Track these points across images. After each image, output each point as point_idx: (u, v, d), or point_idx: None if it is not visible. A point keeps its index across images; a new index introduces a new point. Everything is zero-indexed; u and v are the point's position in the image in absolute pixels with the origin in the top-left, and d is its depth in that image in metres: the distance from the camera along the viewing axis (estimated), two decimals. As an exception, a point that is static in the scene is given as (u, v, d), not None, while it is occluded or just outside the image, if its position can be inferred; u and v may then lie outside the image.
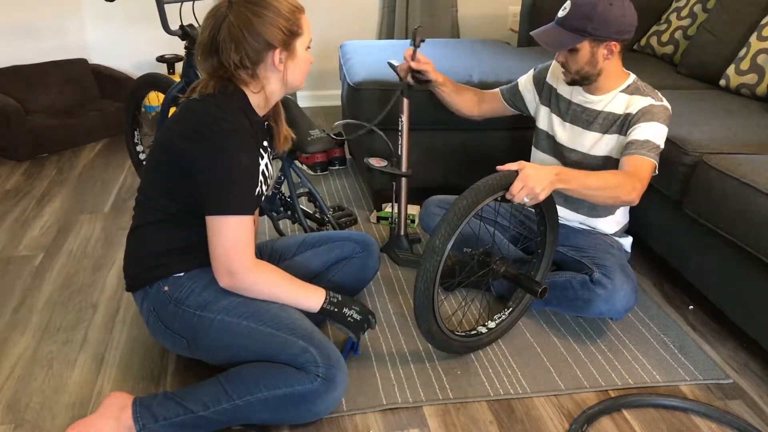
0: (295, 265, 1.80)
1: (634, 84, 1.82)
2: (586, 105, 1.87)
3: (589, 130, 1.86)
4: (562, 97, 1.93)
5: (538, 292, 1.67)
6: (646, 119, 1.74)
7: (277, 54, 1.46)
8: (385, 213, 2.51)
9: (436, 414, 1.57)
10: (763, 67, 2.33)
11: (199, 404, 1.41)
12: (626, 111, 1.79)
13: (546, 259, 1.85)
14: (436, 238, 1.53)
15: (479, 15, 4.01)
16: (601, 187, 1.62)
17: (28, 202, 2.65)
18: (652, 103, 1.76)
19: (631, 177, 1.65)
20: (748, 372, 1.75)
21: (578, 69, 1.78)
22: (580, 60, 1.76)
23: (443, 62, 2.58)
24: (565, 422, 1.55)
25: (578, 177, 1.61)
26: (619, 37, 1.72)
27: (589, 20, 1.69)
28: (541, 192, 1.54)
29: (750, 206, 1.65)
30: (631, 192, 1.64)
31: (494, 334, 1.79)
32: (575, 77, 1.81)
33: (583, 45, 1.73)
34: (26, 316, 1.90)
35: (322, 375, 1.41)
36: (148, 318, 1.56)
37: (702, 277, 1.90)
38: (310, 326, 1.49)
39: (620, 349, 1.81)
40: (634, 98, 1.79)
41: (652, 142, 1.71)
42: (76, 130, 3.24)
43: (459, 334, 1.72)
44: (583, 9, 1.69)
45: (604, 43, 1.73)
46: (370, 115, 2.38)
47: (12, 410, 1.55)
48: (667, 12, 2.99)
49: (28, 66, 3.35)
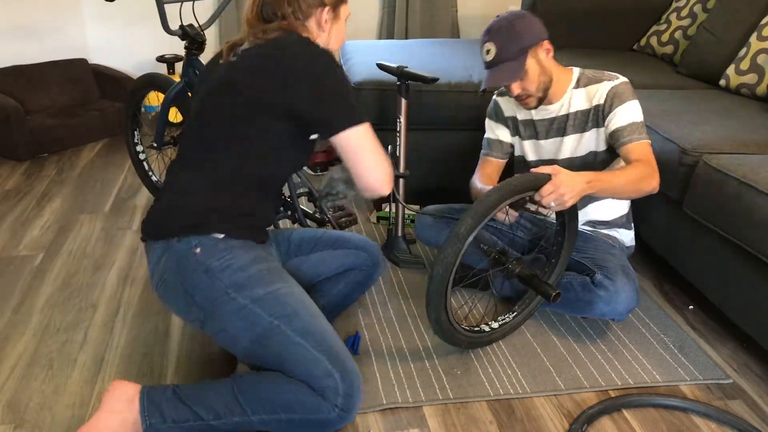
0: (311, 262, 1.76)
1: (583, 76, 1.84)
2: (550, 117, 1.88)
3: (566, 135, 1.87)
4: (524, 121, 1.95)
5: (551, 296, 1.68)
6: (617, 103, 1.75)
7: (324, 13, 1.49)
8: (385, 213, 2.51)
9: (436, 414, 1.57)
10: (763, 67, 2.33)
11: (211, 413, 1.36)
12: (593, 104, 1.80)
13: (561, 265, 1.85)
14: (462, 226, 1.53)
15: (479, 15, 4.01)
16: (626, 183, 1.64)
17: (28, 202, 2.65)
18: (613, 85, 1.77)
19: (645, 166, 1.68)
20: (748, 372, 1.75)
21: (537, 85, 1.78)
22: (533, 76, 1.77)
23: (443, 62, 2.58)
24: (565, 422, 1.55)
25: (606, 181, 1.61)
26: (545, 35, 1.76)
27: (519, 38, 1.72)
28: (569, 200, 1.54)
29: (750, 206, 1.65)
30: (651, 181, 1.67)
31: (496, 335, 1.79)
32: (539, 95, 1.81)
33: (528, 61, 1.74)
34: (26, 316, 1.90)
35: (340, 406, 1.34)
36: (163, 274, 1.45)
37: (702, 277, 1.90)
38: (339, 343, 1.41)
39: (620, 349, 1.81)
40: (591, 89, 1.81)
41: (636, 121, 1.74)
42: (76, 130, 3.25)
43: (464, 328, 1.72)
44: (507, 37, 1.72)
45: (539, 46, 1.76)
46: (369, 115, 2.38)
47: (12, 410, 1.55)
48: (667, 12, 2.99)
49: (28, 66, 3.35)
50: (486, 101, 2.39)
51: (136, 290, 2.05)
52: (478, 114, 2.41)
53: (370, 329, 1.87)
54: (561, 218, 1.79)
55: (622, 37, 3.13)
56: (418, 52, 2.75)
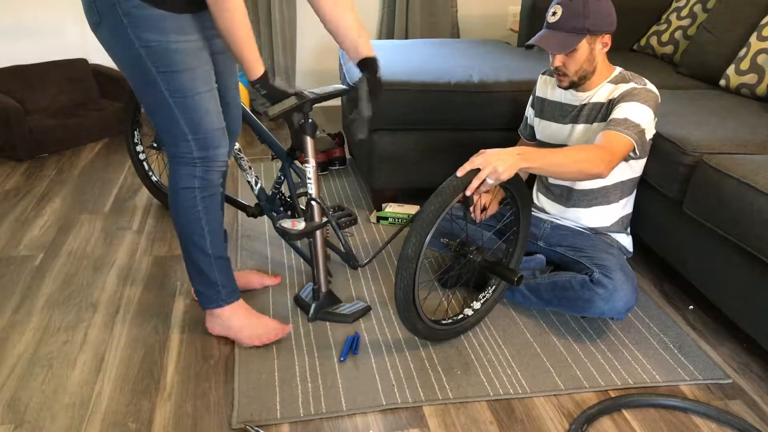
0: None
1: (621, 74, 1.86)
2: (575, 103, 1.90)
3: (578, 123, 1.90)
4: (552, 102, 1.98)
5: (514, 280, 1.72)
6: (626, 100, 1.76)
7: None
8: (385, 213, 2.51)
9: (435, 414, 1.57)
10: (763, 67, 2.33)
11: None
12: (608, 98, 1.82)
13: (520, 246, 1.89)
14: (408, 248, 1.57)
15: (479, 15, 4.01)
16: (566, 162, 1.61)
17: (28, 202, 2.65)
18: (634, 86, 1.78)
19: (599, 150, 1.65)
20: (748, 372, 1.75)
21: (577, 69, 1.79)
22: (579, 59, 1.77)
23: (444, 62, 2.58)
24: (565, 422, 1.55)
25: (542, 155, 1.59)
26: (611, 28, 1.76)
27: (586, 17, 1.72)
28: (503, 171, 1.53)
29: (750, 206, 1.65)
30: (599, 164, 1.62)
31: (480, 314, 1.85)
32: (573, 79, 1.82)
33: (582, 43, 1.74)
34: (26, 316, 1.90)
35: (200, 165, 1.60)
36: None
37: (702, 277, 1.90)
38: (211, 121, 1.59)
39: (620, 349, 1.81)
40: (619, 86, 1.82)
41: (631, 120, 1.72)
42: (76, 130, 3.25)
43: (446, 323, 1.78)
44: (576, 8, 1.72)
45: (599, 36, 1.76)
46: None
47: (12, 410, 1.55)
48: (667, 12, 2.99)
49: (28, 66, 3.35)
50: (486, 101, 2.39)
51: (136, 290, 2.05)
52: (478, 114, 2.41)
53: (370, 329, 1.87)
54: (509, 194, 1.79)
55: (622, 37, 3.13)
56: (418, 52, 2.75)
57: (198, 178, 1.64)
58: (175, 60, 1.50)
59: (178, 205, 1.67)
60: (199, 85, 1.56)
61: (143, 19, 1.46)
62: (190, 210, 1.66)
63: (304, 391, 1.62)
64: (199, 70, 1.55)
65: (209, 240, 1.70)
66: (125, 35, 1.47)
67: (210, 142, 1.61)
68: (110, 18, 1.47)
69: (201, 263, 1.72)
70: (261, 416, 1.54)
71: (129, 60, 1.52)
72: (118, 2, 1.44)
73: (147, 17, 1.45)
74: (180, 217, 1.68)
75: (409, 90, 2.35)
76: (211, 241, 1.70)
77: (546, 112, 2.00)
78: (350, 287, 2.08)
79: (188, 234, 1.69)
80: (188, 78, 1.53)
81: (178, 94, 1.54)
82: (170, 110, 1.55)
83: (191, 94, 1.55)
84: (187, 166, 1.63)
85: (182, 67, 1.52)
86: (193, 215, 1.67)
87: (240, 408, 1.56)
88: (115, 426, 1.51)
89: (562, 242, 1.97)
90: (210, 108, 1.59)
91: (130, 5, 1.44)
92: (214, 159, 1.64)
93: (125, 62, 1.53)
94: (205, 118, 1.58)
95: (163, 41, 1.48)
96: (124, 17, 1.45)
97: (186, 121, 1.57)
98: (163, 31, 1.47)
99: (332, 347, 1.78)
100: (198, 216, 1.67)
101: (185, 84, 1.53)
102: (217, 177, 1.68)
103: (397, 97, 2.35)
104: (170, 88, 1.53)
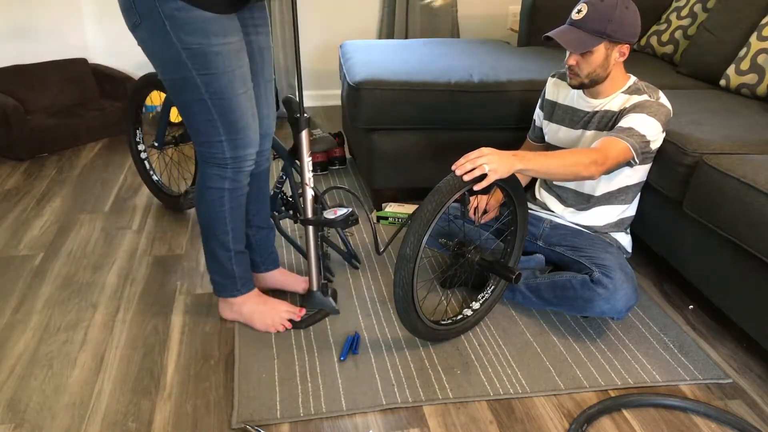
0: None
1: (635, 85, 1.85)
2: (587, 109, 1.90)
3: (588, 129, 1.90)
4: (563, 106, 1.98)
5: (512, 278, 1.73)
6: (636, 111, 1.76)
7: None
8: (386, 213, 2.51)
9: (435, 414, 1.57)
10: (763, 67, 2.33)
11: None
12: (621, 107, 1.82)
13: (518, 245, 1.90)
14: (406, 247, 1.58)
15: (479, 15, 4.01)
16: (560, 164, 1.63)
17: (28, 201, 2.65)
18: (647, 99, 1.79)
19: (592, 153, 1.66)
20: (748, 372, 1.75)
21: (590, 72, 1.79)
22: (594, 62, 1.77)
23: (444, 62, 2.58)
24: (565, 422, 1.55)
25: (536, 157, 1.62)
26: (633, 39, 1.76)
27: (609, 22, 1.71)
28: (499, 167, 1.55)
29: (750, 206, 1.65)
30: (589, 166, 1.64)
31: (479, 314, 1.86)
32: (584, 80, 1.82)
33: (599, 47, 1.74)
34: (26, 316, 1.90)
35: (230, 167, 1.61)
36: None
37: (702, 277, 1.90)
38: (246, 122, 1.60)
39: (620, 348, 1.81)
40: (632, 97, 1.82)
41: (636, 130, 1.73)
42: (76, 129, 3.25)
43: (446, 323, 1.78)
44: (602, 11, 1.71)
45: (618, 45, 1.76)
46: (370, 115, 2.38)
47: (12, 410, 1.55)
48: (667, 12, 2.99)
49: (28, 66, 3.35)
50: (485, 102, 2.39)
51: (136, 290, 2.05)
52: (478, 114, 2.41)
53: (370, 329, 1.87)
54: (506, 194, 1.80)
55: (622, 37, 3.13)
56: (418, 52, 2.75)
57: (228, 179, 1.65)
58: (215, 62, 1.50)
59: (205, 203, 1.68)
60: (238, 86, 1.56)
61: (186, 22, 1.45)
62: (216, 209, 1.68)
63: (304, 391, 1.62)
64: (238, 72, 1.55)
65: (232, 236, 1.73)
66: (166, 37, 1.47)
67: (243, 142, 1.62)
68: (151, 20, 1.46)
69: (221, 257, 1.75)
70: (261, 416, 1.54)
71: (168, 61, 1.51)
72: (160, 4, 1.43)
73: (190, 20, 1.45)
74: (206, 214, 1.70)
75: (409, 90, 2.35)
76: (233, 237, 1.73)
77: (556, 115, 2.00)
78: (350, 286, 2.08)
79: (211, 229, 1.71)
80: (227, 80, 1.53)
81: (216, 96, 1.54)
82: (208, 111, 1.55)
83: (229, 96, 1.55)
84: (219, 167, 1.64)
85: (222, 70, 1.52)
86: (219, 214, 1.69)
87: (240, 408, 1.56)
88: (115, 426, 1.51)
89: (562, 242, 1.97)
90: (246, 109, 1.60)
91: (172, 7, 1.43)
92: (245, 159, 1.65)
93: (163, 62, 1.53)
94: (241, 119, 1.59)
95: (204, 44, 1.48)
96: (167, 20, 1.45)
97: (222, 121, 1.57)
98: (205, 34, 1.47)
99: (332, 347, 1.78)
100: (224, 215, 1.69)
101: (224, 86, 1.53)
102: (245, 177, 1.69)
103: (397, 97, 2.35)
104: (209, 90, 1.53)
